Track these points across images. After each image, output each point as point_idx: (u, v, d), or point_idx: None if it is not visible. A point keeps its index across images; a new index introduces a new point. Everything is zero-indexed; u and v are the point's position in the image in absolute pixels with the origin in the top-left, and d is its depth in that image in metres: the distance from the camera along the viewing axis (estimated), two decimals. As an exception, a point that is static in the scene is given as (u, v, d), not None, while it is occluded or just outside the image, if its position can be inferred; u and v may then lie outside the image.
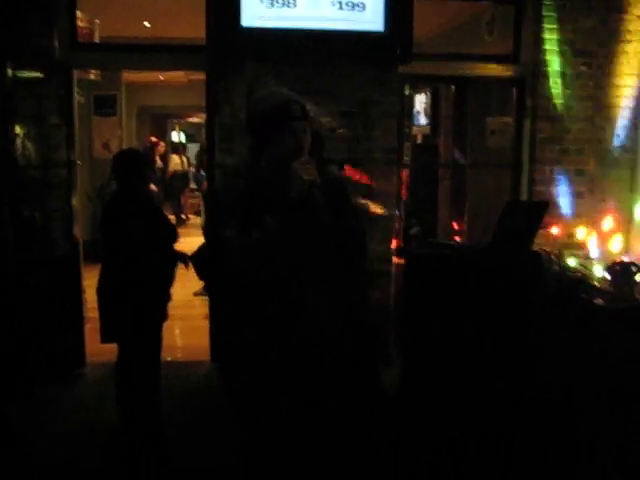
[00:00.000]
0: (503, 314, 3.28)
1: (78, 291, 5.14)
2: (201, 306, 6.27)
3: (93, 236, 7.29)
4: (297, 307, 2.39)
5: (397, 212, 5.36)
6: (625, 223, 5.52)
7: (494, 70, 5.53)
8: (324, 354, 2.43)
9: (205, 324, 5.38)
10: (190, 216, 13.95)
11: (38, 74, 4.84)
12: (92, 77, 7.96)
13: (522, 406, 3.44)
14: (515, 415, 3.39)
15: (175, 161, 14.15)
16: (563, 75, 5.34)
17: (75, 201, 5.10)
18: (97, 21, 7.02)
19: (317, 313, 2.40)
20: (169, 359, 5.25)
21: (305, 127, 2.41)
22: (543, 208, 3.83)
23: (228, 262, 2.41)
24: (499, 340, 3.31)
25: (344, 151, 5.05)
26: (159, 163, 13.12)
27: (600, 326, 3.85)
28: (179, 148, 15.48)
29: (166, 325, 4.12)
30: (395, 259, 5.23)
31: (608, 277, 4.43)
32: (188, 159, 14.87)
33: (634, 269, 4.52)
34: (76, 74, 5.26)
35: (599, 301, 4.08)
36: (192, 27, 5.05)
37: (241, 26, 4.65)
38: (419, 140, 8.34)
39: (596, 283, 4.51)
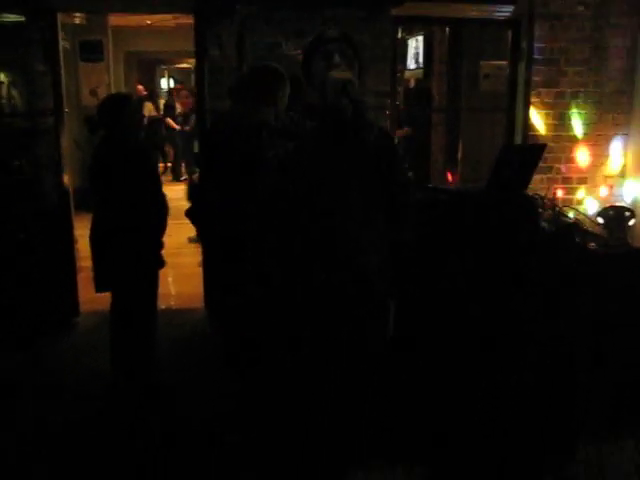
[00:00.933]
0: (495, 256, 3.28)
1: (70, 241, 5.11)
2: (194, 253, 6.25)
3: (83, 184, 7.22)
4: (336, 235, 2.38)
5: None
6: (620, 167, 5.51)
7: (489, 11, 5.41)
8: (358, 290, 2.42)
9: (199, 271, 5.37)
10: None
11: (20, 18, 4.70)
12: (77, 21, 7.78)
13: (513, 351, 3.47)
14: (506, 362, 3.42)
15: (149, 107, 13.92)
16: (559, 17, 5.23)
17: (64, 150, 5.02)
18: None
19: (356, 246, 2.39)
20: (163, 307, 5.25)
21: (344, 48, 2.41)
22: (540, 151, 3.78)
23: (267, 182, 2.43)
24: (491, 287, 3.31)
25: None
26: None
27: (593, 270, 3.87)
28: (153, 95, 15.22)
29: (159, 273, 4.10)
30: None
31: (601, 221, 4.43)
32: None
33: (627, 214, 4.52)
34: (60, 18, 5.11)
35: (592, 245, 4.09)
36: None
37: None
38: (412, 84, 8.22)
39: (589, 227, 4.52)
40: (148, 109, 13.84)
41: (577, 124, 5.40)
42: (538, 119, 5.35)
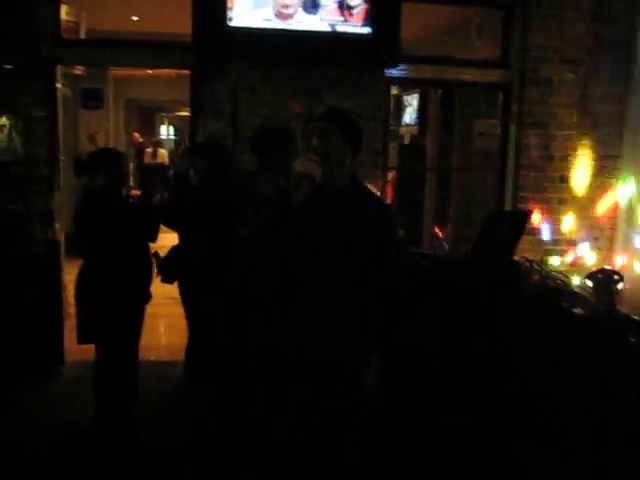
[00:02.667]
0: (479, 326, 3.28)
1: (58, 290, 5.09)
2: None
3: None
4: (301, 318, 2.38)
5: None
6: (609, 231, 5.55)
7: (482, 75, 5.53)
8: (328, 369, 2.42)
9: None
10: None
11: (21, 69, 4.78)
12: (78, 72, 7.88)
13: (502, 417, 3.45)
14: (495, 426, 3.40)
15: (162, 154, 14.10)
16: (549, 82, 5.34)
17: (57, 199, 5.05)
18: (83, 14, 6.94)
19: (324, 328, 2.39)
20: (152, 358, 5.22)
21: (324, 127, 2.40)
22: (525, 217, 3.82)
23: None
24: (476, 351, 3.31)
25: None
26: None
27: (580, 335, 3.86)
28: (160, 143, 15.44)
29: (147, 324, 4.08)
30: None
31: (590, 285, 4.44)
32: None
33: (616, 277, 4.54)
34: (62, 68, 5.20)
35: (579, 310, 4.09)
36: (180, 23, 5.00)
37: (227, 25, 4.61)
38: (407, 140, 8.32)
39: (577, 290, 4.52)
40: (161, 156, 14.05)
41: (566, 187, 5.46)
42: (528, 181, 5.41)
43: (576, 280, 4.71)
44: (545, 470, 3.48)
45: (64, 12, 5.20)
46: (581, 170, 5.45)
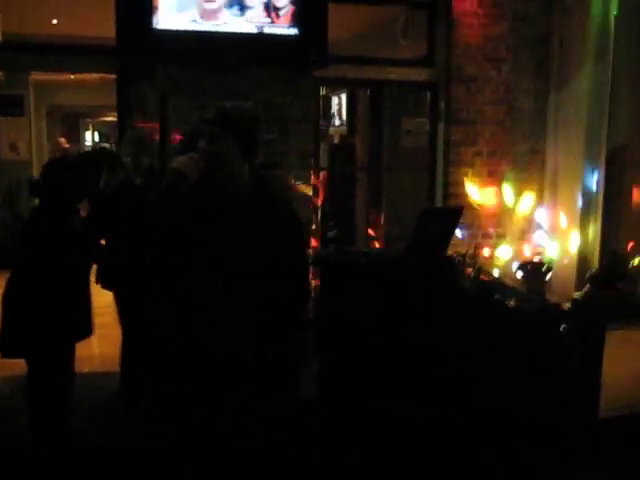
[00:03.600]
0: (415, 321, 3.33)
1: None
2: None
3: (3, 241, 6.99)
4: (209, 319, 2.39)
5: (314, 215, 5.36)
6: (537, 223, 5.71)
7: (408, 74, 5.61)
8: (239, 368, 2.43)
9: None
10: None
11: None
12: (-4, 77, 7.63)
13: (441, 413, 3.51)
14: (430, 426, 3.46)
15: None
16: (475, 79, 5.46)
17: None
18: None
19: (231, 328, 2.39)
20: (85, 370, 5.08)
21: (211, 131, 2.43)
22: (457, 214, 3.90)
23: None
24: (412, 347, 3.35)
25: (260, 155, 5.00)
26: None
27: (512, 327, 3.97)
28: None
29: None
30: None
31: (520, 275, 4.57)
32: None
33: (544, 268, 4.69)
34: (-22, 74, 5.03)
35: (512, 302, 4.21)
36: (103, 26, 4.89)
37: (152, 28, 4.52)
38: (336, 140, 8.36)
39: (509, 283, 4.65)
40: None
41: (494, 182, 5.59)
42: (457, 177, 5.52)
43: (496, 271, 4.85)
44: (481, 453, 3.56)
45: (-21, 15, 5.02)
46: (508, 165, 5.59)
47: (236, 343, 2.44)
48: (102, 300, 4.21)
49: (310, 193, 5.23)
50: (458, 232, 5.28)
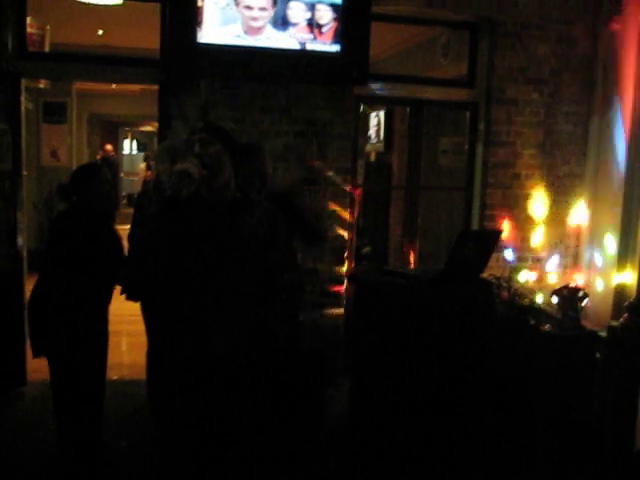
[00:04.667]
0: (454, 344, 3.29)
1: (21, 307, 4.96)
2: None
3: (39, 246, 7.09)
4: (199, 326, 2.44)
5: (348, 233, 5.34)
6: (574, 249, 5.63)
7: (448, 94, 5.59)
8: (233, 374, 2.45)
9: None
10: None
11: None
12: (41, 85, 7.77)
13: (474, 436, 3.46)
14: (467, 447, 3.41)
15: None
16: (515, 101, 5.42)
17: (20, 214, 4.94)
18: (48, 27, 6.86)
19: (221, 333, 2.43)
20: (115, 377, 5.12)
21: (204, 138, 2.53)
22: (495, 237, 3.86)
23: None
24: (450, 369, 3.31)
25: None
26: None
27: (548, 353, 3.91)
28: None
29: (113, 342, 3.99)
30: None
31: (555, 301, 4.50)
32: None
33: (581, 294, 4.61)
34: (25, 81, 5.11)
35: (547, 327, 4.15)
36: (147, 38, 4.97)
37: (197, 42, 4.57)
38: (373, 158, 8.37)
39: (544, 308, 4.58)
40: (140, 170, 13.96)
41: (532, 205, 5.53)
42: (494, 199, 5.47)
43: (539, 297, 4.78)
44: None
45: (28, 25, 5.11)
46: (547, 188, 5.54)
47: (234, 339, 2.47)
48: (133, 307, 4.23)
49: (345, 212, 5.24)
50: (508, 253, 5.26)
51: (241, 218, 2.47)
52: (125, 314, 4.44)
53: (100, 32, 8.07)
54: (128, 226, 4.08)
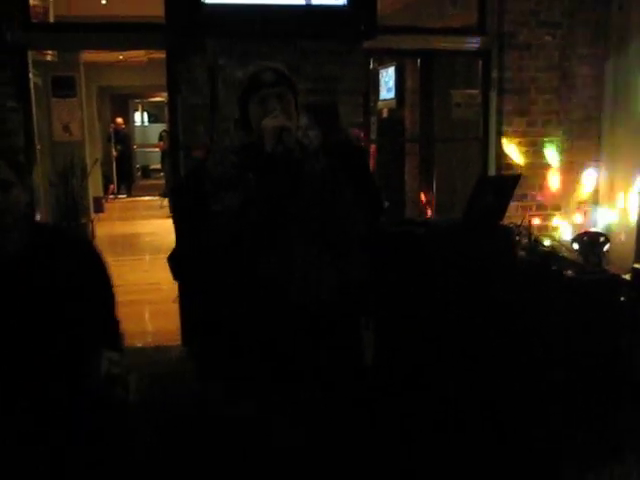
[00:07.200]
0: (475, 290, 3.28)
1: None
2: (168, 289, 6.17)
3: (56, 221, 7.15)
4: (285, 268, 2.35)
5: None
6: (593, 194, 5.57)
7: (459, 43, 5.49)
8: (316, 318, 2.38)
9: (174, 308, 5.28)
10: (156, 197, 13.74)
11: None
12: (49, 58, 7.74)
13: (493, 382, 3.46)
14: (485, 392, 3.41)
15: None
16: (528, 46, 5.32)
17: (35, 187, 4.96)
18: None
19: (306, 275, 2.36)
20: (139, 345, 5.17)
21: (281, 92, 2.37)
22: (514, 181, 3.81)
23: (217, 231, 2.38)
24: (471, 316, 3.31)
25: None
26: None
27: (571, 297, 3.89)
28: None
29: (135, 310, 4.01)
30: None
31: (576, 247, 4.47)
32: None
33: (602, 239, 4.57)
34: (31, 55, 5.08)
35: (569, 272, 4.12)
36: (152, 4, 4.91)
37: (201, 2, 4.51)
38: (385, 114, 8.28)
39: (566, 254, 4.55)
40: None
41: (549, 151, 5.46)
42: (511, 147, 5.40)
43: (561, 243, 4.74)
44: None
45: (31, -3, 5.07)
46: (563, 133, 5.45)
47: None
48: (152, 277, 4.26)
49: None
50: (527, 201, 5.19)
51: (310, 167, 2.37)
52: (143, 283, 4.45)
53: (104, 1, 8.01)
54: (143, 198, 4.07)
